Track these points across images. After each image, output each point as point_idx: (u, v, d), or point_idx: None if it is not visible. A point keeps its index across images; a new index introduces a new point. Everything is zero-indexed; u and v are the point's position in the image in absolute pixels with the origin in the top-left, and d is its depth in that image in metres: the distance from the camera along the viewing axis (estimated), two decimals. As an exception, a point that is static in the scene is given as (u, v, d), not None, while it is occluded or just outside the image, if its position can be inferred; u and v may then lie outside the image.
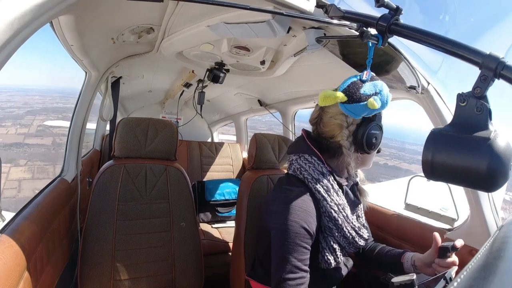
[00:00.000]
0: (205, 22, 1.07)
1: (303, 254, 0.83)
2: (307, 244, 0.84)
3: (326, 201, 0.87)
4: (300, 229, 0.82)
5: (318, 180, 0.88)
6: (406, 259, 0.94)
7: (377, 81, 0.83)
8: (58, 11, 0.63)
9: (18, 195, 16.54)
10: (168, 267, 1.30)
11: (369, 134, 0.86)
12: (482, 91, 0.50)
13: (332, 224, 0.88)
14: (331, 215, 0.87)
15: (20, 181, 18.09)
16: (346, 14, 0.76)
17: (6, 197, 18.00)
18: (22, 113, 31.92)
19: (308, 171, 0.90)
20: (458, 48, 0.56)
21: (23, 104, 36.86)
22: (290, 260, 0.82)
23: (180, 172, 1.42)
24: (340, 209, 0.88)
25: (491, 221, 0.99)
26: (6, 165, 20.25)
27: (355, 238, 0.91)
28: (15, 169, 19.29)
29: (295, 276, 0.82)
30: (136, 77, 2.17)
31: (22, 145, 24.26)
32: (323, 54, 1.13)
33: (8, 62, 0.57)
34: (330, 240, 0.89)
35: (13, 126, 28.09)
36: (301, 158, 0.93)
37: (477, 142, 0.48)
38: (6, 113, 32.19)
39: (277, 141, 1.42)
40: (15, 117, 31.00)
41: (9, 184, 17.51)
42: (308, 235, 0.84)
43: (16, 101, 39.66)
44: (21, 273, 0.78)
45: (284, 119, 2.26)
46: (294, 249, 0.82)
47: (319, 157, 0.91)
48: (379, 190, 3.39)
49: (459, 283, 0.25)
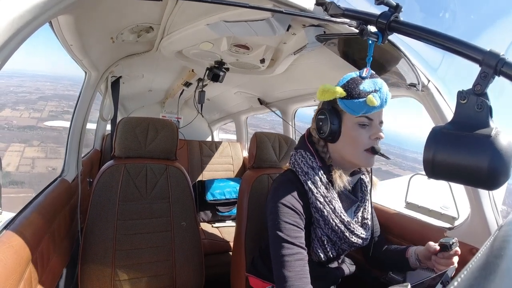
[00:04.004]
0: (205, 20, 1.06)
1: (295, 232, 0.87)
2: (296, 222, 0.88)
3: (312, 192, 0.90)
4: (286, 208, 0.88)
5: (307, 173, 0.92)
6: (410, 255, 0.95)
7: (376, 78, 0.83)
8: (57, 11, 0.63)
9: (32, 170, 18.90)
10: (169, 267, 1.31)
11: (317, 121, 0.92)
12: (482, 88, 0.50)
13: (318, 215, 0.90)
14: (317, 206, 0.90)
15: (34, 159, 20.23)
16: (346, 12, 0.76)
17: (21, 172, 18.64)
18: (34, 98, 33.47)
19: (300, 165, 0.94)
20: (458, 45, 0.56)
21: (35, 90, 38.31)
22: (282, 237, 0.86)
23: (181, 171, 1.42)
24: (326, 201, 0.90)
25: (492, 220, 0.98)
26: (21, 145, 22.02)
27: (344, 232, 0.91)
28: (29, 149, 21.35)
29: (291, 252, 0.85)
30: (136, 77, 2.17)
31: (35, 127, 26.04)
32: (323, 52, 1.13)
33: (20, 48, 0.58)
34: (319, 232, 0.92)
35: (27, 110, 29.72)
36: (297, 153, 0.98)
37: (478, 140, 0.48)
38: (19, 97, 33.67)
39: (277, 140, 1.42)
40: (27, 101, 32.48)
41: (24, 161, 20.06)
42: (295, 213, 0.88)
43: (28, 86, 40.98)
44: (22, 273, 0.78)
45: (284, 118, 2.25)
46: (285, 227, 0.87)
47: (311, 152, 0.95)
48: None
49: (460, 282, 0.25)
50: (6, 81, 37.51)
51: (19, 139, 22.95)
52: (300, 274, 0.83)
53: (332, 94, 0.83)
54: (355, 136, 0.88)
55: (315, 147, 0.96)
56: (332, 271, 1.01)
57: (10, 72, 40.52)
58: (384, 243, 1.11)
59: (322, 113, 0.91)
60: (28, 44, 0.64)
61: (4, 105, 31.88)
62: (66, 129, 1.48)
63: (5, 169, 20.30)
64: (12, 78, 40.67)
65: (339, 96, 0.82)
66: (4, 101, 33.22)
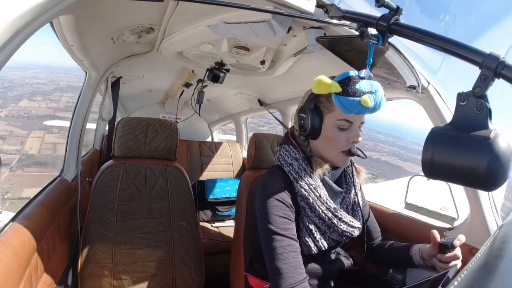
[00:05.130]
0: (205, 22, 1.07)
1: (285, 224, 0.88)
2: (286, 215, 0.89)
3: (297, 181, 0.92)
4: (275, 201, 0.89)
5: (291, 164, 0.94)
6: (414, 252, 0.95)
7: (374, 81, 0.83)
8: (58, 11, 0.63)
9: (54, 153, 21.83)
10: (168, 266, 1.30)
11: (298, 118, 0.95)
12: (482, 90, 0.50)
13: (304, 203, 0.91)
14: (302, 194, 0.91)
15: (55, 144, 22.84)
16: (346, 14, 0.76)
17: (44, 155, 21.44)
18: (50, 89, 34.66)
19: (284, 158, 0.97)
20: (458, 47, 0.56)
21: (50, 81, 39.39)
22: (273, 230, 0.87)
23: (180, 171, 1.42)
24: (311, 188, 0.91)
25: (491, 220, 0.99)
26: (41, 132, 24.70)
27: (332, 220, 0.91)
28: (49, 135, 23.86)
29: (283, 244, 0.85)
30: (136, 77, 2.17)
31: (53, 117, 27.98)
32: (323, 54, 1.13)
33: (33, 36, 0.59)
34: (306, 221, 0.92)
35: (44, 101, 31.13)
36: (282, 149, 1.01)
37: (477, 141, 0.48)
38: (34, 88, 34.74)
39: (276, 141, 1.43)
40: (43, 92, 33.73)
41: (44, 146, 23.12)
42: (284, 206, 0.89)
43: (43, 77, 41.96)
44: (22, 273, 0.78)
45: (284, 119, 2.26)
46: (275, 220, 0.88)
47: (294, 145, 0.98)
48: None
49: (459, 282, 0.26)
50: (20, 73, 38.52)
51: (39, 127, 25.34)
52: (294, 265, 0.83)
53: (328, 88, 0.82)
54: (332, 138, 0.91)
55: (296, 140, 1.00)
56: (327, 266, 1.01)
57: (23, 63, 41.43)
58: (385, 243, 1.11)
59: (304, 111, 0.93)
60: (38, 36, 0.66)
61: (22, 96, 33.63)
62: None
63: (28, 152, 22.80)
64: (26, 70, 41.49)
65: (334, 90, 0.81)
66: (21, 92, 34.81)
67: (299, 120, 0.95)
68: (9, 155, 21.31)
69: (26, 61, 42.12)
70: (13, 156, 21.34)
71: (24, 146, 22.84)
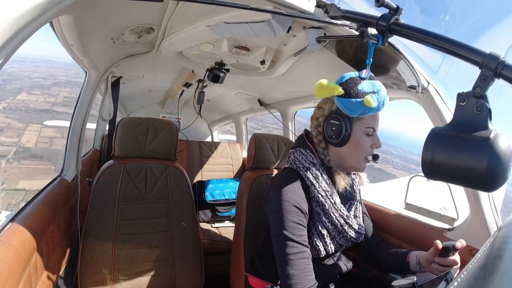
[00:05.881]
0: (205, 22, 1.07)
1: (299, 231, 0.88)
2: (301, 221, 0.89)
3: (314, 187, 0.92)
4: (292, 207, 0.88)
5: (308, 169, 0.94)
6: (411, 258, 0.96)
7: (375, 81, 0.83)
8: (58, 11, 0.63)
9: (50, 147, 21.92)
10: (168, 267, 1.30)
11: (327, 124, 0.92)
12: (482, 90, 0.50)
13: (319, 208, 0.92)
14: (319, 200, 0.91)
15: (51, 138, 23.01)
16: (346, 14, 0.76)
17: (40, 148, 21.37)
18: (48, 84, 34.99)
19: (301, 161, 0.96)
20: (458, 47, 0.56)
21: (49, 75, 39.76)
22: (288, 236, 0.87)
23: (180, 171, 1.42)
24: (328, 195, 0.92)
25: (491, 221, 0.99)
26: (38, 126, 24.63)
27: (343, 226, 0.94)
28: (46, 129, 23.83)
29: (296, 250, 0.86)
30: (136, 77, 2.17)
31: (51, 111, 28.53)
32: (323, 54, 1.13)
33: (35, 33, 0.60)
34: (319, 225, 0.93)
35: (42, 95, 31.66)
36: (296, 151, 1.00)
37: (477, 142, 0.48)
38: (33, 82, 35.10)
39: (276, 141, 1.42)
40: (41, 86, 34.07)
41: (41, 139, 23.21)
42: (300, 212, 0.89)
43: (42, 72, 42.25)
44: (22, 273, 0.78)
45: (284, 119, 2.26)
46: (290, 226, 0.87)
47: (311, 150, 0.97)
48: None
49: (459, 282, 0.25)
50: (19, 66, 38.74)
51: (36, 121, 25.75)
52: (305, 271, 0.85)
53: (330, 91, 0.83)
54: (361, 144, 0.91)
55: (314, 146, 0.98)
56: (329, 268, 1.02)
57: (23, 57, 41.61)
58: (382, 244, 1.12)
59: (336, 118, 0.89)
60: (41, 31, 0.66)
61: (20, 89, 34.07)
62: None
63: (25, 145, 22.99)
64: (25, 63, 41.75)
65: (337, 93, 0.83)
66: (20, 86, 35.22)
67: (329, 126, 0.91)
68: (6, 147, 21.73)
69: (25, 54, 42.31)
70: (10, 148, 21.73)
71: (21, 138, 23.29)
